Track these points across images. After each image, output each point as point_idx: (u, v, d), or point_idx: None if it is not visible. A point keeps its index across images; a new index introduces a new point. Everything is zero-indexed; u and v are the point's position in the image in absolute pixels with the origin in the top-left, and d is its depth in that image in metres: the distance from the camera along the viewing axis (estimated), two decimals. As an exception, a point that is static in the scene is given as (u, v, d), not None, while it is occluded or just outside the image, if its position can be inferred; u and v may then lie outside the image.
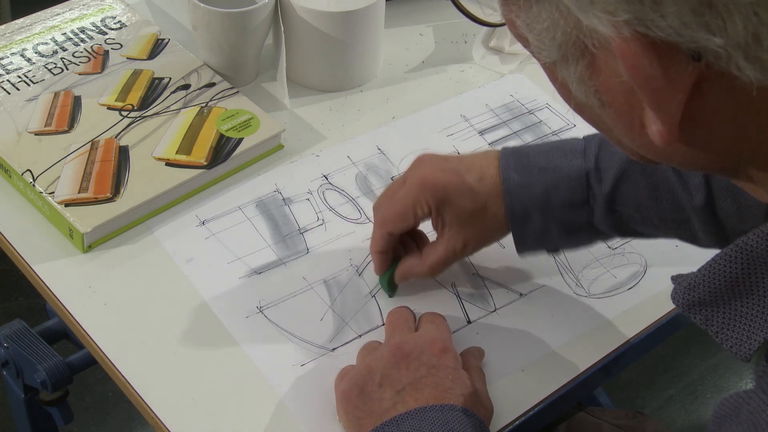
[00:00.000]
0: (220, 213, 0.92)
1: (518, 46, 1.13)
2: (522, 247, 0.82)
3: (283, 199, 0.95)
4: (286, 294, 0.86)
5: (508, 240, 0.91)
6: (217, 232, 0.91)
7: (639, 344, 0.86)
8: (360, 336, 0.83)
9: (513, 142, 1.02)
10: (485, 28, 1.12)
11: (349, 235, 0.92)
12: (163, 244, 0.89)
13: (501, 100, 1.08)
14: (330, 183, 0.96)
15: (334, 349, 0.82)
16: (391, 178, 0.97)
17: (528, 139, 1.03)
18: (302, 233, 0.92)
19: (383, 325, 0.84)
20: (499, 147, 0.84)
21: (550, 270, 0.90)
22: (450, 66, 1.12)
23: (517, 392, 0.80)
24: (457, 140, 1.02)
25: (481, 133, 1.03)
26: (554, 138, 1.02)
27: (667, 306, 0.88)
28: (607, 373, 0.85)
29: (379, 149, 1.00)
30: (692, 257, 0.89)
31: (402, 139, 1.02)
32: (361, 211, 0.94)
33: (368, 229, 0.92)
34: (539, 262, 0.90)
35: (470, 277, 0.89)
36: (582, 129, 1.03)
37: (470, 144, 1.01)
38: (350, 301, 0.86)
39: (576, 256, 0.91)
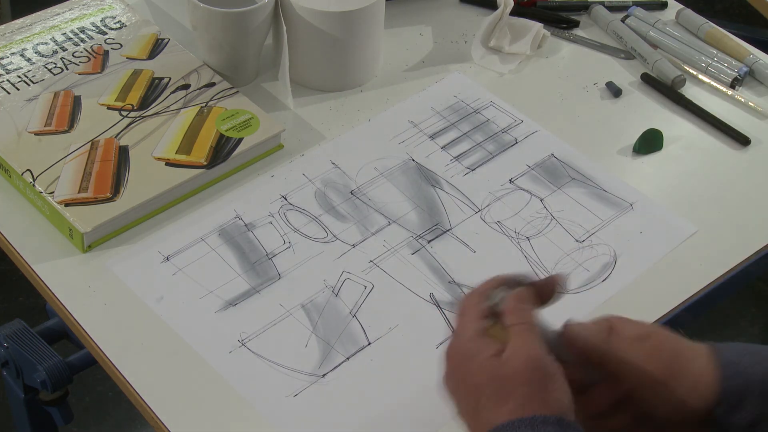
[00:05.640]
0: (183, 246, 0.89)
1: (518, 46, 1.13)
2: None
3: (245, 225, 0.92)
4: (265, 323, 0.83)
5: (477, 243, 0.91)
6: (184, 267, 0.88)
7: (639, 344, 0.86)
8: (348, 359, 0.81)
9: (464, 144, 1.01)
10: (484, 28, 1.12)
11: (318, 256, 0.89)
12: (128, 284, 0.86)
13: (446, 102, 1.07)
14: (290, 203, 0.94)
15: (324, 375, 0.80)
16: (351, 192, 0.95)
17: (479, 139, 1.02)
18: (271, 258, 0.89)
19: (369, 344, 0.82)
20: (450, 150, 0.78)
21: (523, 269, 0.89)
22: (450, 66, 1.12)
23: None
24: (409, 147, 1.01)
25: (432, 137, 1.02)
26: (504, 136, 1.02)
27: (664, 305, 0.88)
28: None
29: (333, 163, 0.98)
30: (659, 242, 0.91)
31: (354, 150, 1.00)
32: (327, 230, 0.91)
33: (337, 247, 0.90)
34: (511, 262, 0.90)
35: (447, 286, 0.88)
36: (529, 124, 1.04)
37: (423, 149, 1.00)
38: (331, 324, 0.84)
39: (546, 252, 0.91)
